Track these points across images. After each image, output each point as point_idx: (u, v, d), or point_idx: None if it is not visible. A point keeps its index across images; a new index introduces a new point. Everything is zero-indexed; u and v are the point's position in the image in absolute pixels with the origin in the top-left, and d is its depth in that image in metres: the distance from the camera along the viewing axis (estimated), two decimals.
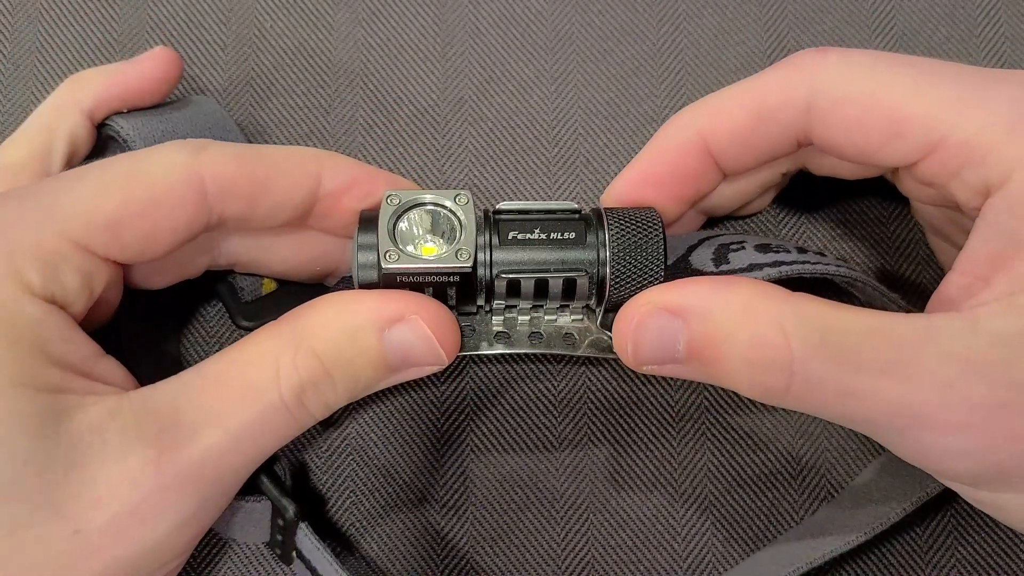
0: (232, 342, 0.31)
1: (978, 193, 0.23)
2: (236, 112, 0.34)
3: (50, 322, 0.23)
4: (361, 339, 0.24)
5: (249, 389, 0.23)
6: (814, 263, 0.25)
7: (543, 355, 0.32)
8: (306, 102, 0.34)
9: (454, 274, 0.24)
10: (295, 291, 0.30)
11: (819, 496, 0.31)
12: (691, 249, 0.27)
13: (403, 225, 0.25)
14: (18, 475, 0.21)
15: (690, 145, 0.26)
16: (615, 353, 0.25)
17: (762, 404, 0.31)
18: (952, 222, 0.28)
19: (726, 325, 0.22)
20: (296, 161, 0.25)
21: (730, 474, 0.31)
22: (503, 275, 0.25)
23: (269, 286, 0.30)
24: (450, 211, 0.25)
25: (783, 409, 0.31)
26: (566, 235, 0.25)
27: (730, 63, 0.34)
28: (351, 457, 0.31)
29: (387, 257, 0.24)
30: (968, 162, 0.23)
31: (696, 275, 0.26)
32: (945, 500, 0.30)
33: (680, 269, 0.26)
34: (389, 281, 0.24)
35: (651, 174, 0.27)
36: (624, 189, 0.27)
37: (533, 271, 0.25)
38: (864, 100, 0.24)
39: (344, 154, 0.33)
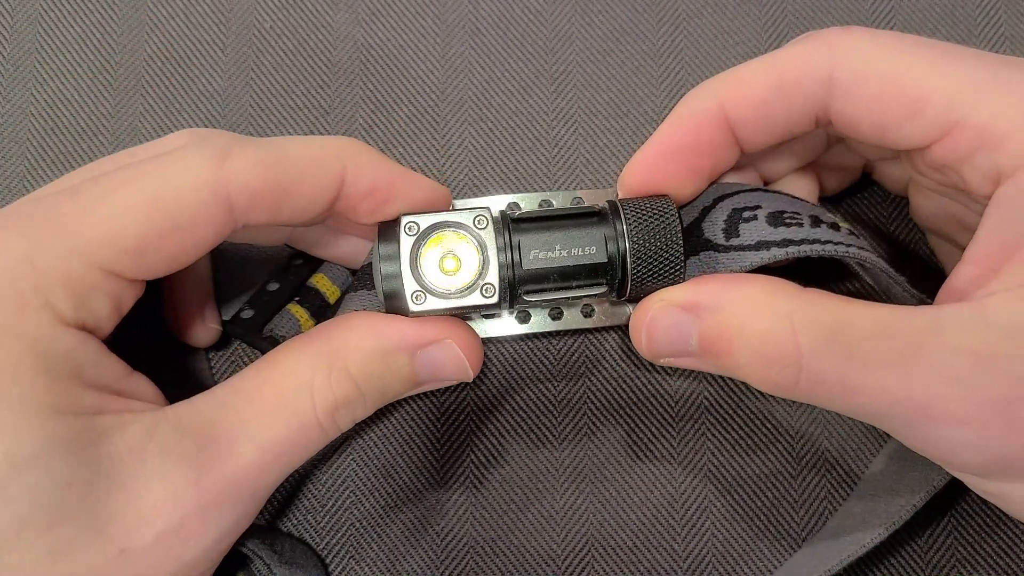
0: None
1: (990, 179, 0.23)
2: (236, 112, 0.34)
3: (82, 348, 0.23)
4: (394, 360, 0.25)
5: (284, 407, 0.24)
6: (823, 242, 0.25)
7: (545, 348, 0.32)
8: (306, 102, 0.34)
9: (481, 307, 0.25)
10: None
11: (820, 495, 0.31)
12: (705, 212, 0.27)
13: (423, 248, 0.25)
14: (62, 499, 0.21)
15: (710, 115, 0.26)
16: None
17: (762, 404, 0.31)
18: (953, 220, 0.28)
19: (737, 320, 0.23)
20: (321, 166, 0.25)
21: (730, 474, 0.31)
22: (526, 296, 0.25)
23: (307, 325, 0.30)
24: (471, 235, 0.25)
25: (783, 409, 0.31)
26: (587, 250, 0.25)
27: (730, 63, 0.34)
28: (351, 457, 0.31)
29: (414, 299, 0.24)
30: (982, 146, 0.23)
31: (706, 247, 0.26)
32: (946, 501, 0.30)
33: (693, 238, 0.26)
34: (417, 316, 0.25)
35: (671, 146, 0.26)
36: (645, 160, 0.26)
37: (556, 289, 0.25)
38: (885, 76, 0.24)
39: None
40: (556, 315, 0.28)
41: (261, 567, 0.27)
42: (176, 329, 0.30)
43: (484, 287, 0.24)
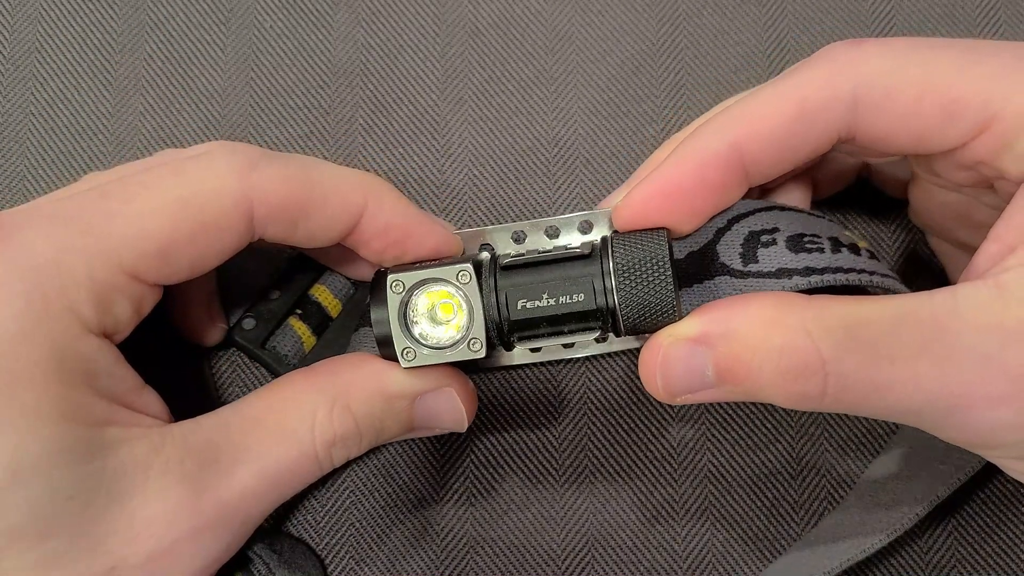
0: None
1: None
2: (236, 113, 0.34)
3: (100, 357, 0.23)
4: (395, 404, 0.25)
5: (285, 436, 0.24)
6: (847, 270, 0.24)
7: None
8: (306, 102, 0.34)
9: (470, 361, 0.25)
10: (334, 343, 0.30)
11: (819, 496, 0.31)
12: (720, 233, 0.26)
13: (413, 301, 0.25)
14: (62, 510, 0.21)
15: (721, 156, 0.24)
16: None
17: (761, 404, 0.31)
18: (959, 217, 0.28)
19: (751, 340, 0.22)
20: (344, 195, 0.25)
21: (730, 474, 0.31)
22: (519, 343, 0.25)
23: (309, 342, 0.30)
24: (455, 288, 0.25)
25: (782, 409, 0.31)
26: (575, 298, 0.24)
27: (730, 63, 0.34)
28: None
29: (405, 356, 0.25)
30: (1022, 132, 0.22)
31: (722, 271, 0.25)
32: (947, 501, 0.30)
33: (707, 261, 0.26)
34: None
35: (673, 186, 0.25)
36: (642, 199, 0.25)
37: (548, 335, 0.25)
38: (916, 87, 0.23)
39: (345, 156, 0.34)
40: (568, 344, 0.28)
41: (261, 567, 0.27)
42: (184, 329, 0.30)
43: (471, 341, 0.24)
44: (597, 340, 0.26)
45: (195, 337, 0.30)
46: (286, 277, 0.31)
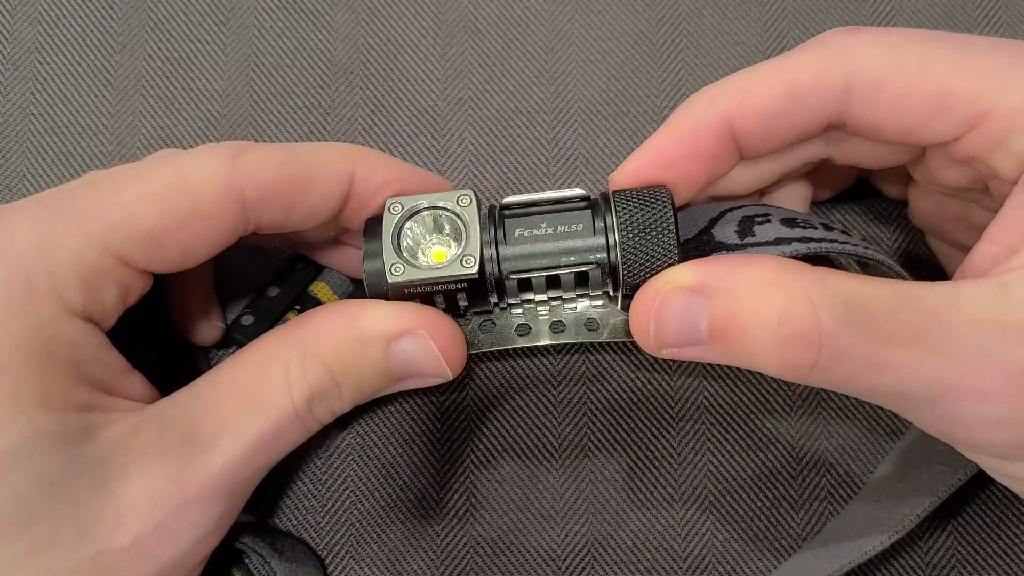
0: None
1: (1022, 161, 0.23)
2: (236, 113, 0.34)
3: (85, 342, 0.23)
4: (368, 350, 0.24)
5: (262, 400, 0.24)
6: (843, 242, 0.25)
7: (546, 351, 0.32)
8: (306, 102, 0.34)
9: (462, 280, 0.24)
10: None
11: (820, 495, 0.31)
12: (714, 221, 0.26)
13: (409, 231, 0.25)
14: (45, 497, 0.21)
15: (713, 126, 0.25)
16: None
17: (762, 404, 0.31)
18: (956, 219, 0.28)
19: (751, 301, 0.22)
20: (331, 163, 0.25)
21: (730, 474, 0.31)
22: (512, 275, 0.24)
23: None
24: (454, 214, 0.25)
25: (783, 409, 0.31)
26: (573, 227, 0.24)
27: (730, 63, 0.34)
28: (351, 456, 0.31)
29: (393, 271, 0.24)
30: (1016, 131, 0.22)
31: (719, 248, 0.25)
32: (948, 501, 0.30)
33: (703, 242, 0.26)
34: (397, 293, 0.24)
35: (667, 154, 0.25)
36: (637, 167, 0.25)
37: (543, 268, 0.24)
38: (907, 79, 0.23)
39: None
40: (559, 329, 0.28)
41: (260, 563, 0.27)
42: (182, 328, 0.30)
43: (464, 258, 0.24)
44: (590, 293, 0.26)
45: (194, 337, 0.30)
46: (285, 274, 0.31)
